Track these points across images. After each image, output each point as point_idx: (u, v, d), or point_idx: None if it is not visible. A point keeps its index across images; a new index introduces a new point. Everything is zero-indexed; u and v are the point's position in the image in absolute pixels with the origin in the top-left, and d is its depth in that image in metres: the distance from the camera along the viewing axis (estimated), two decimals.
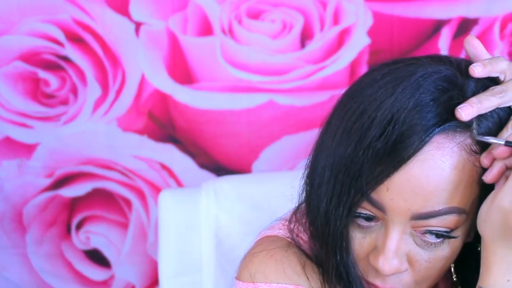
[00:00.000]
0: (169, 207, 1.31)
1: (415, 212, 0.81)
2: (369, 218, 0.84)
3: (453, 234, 0.83)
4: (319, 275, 0.90)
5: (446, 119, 0.81)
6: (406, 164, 0.79)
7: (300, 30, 1.72)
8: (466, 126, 0.81)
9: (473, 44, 0.86)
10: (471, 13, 1.67)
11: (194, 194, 1.32)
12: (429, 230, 0.82)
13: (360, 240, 0.85)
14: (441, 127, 0.80)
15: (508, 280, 0.81)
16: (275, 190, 1.04)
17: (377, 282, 0.86)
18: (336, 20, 1.70)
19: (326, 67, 1.72)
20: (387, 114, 0.80)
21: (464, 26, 1.68)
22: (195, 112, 1.77)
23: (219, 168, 1.80)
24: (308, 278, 0.91)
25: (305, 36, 1.72)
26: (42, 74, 1.77)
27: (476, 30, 1.68)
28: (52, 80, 1.78)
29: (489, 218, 0.80)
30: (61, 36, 1.75)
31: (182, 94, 1.76)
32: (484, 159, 0.82)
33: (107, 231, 1.87)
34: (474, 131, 0.82)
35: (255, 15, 1.72)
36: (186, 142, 1.80)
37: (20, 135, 1.80)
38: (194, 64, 1.75)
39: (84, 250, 1.89)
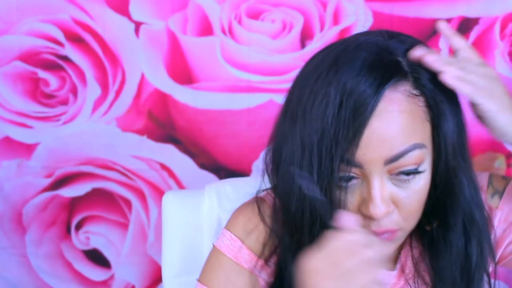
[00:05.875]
0: (173, 209, 1.32)
1: (386, 157, 0.92)
2: (349, 179, 0.94)
3: (420, 169, 0.94)
4: (264, 239, 1.06)
5: (385, 77, 0.92)
6: (368, 123, 0.90)
7: (300, 30, 1.72)
8: (403, 76, 0.93)
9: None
10: (471, 13, 1.67)
11: (197, 196, 1.33)
12: (401, 171, 0.93)
13: (350, 200, 0.95)
14: (386, 85, 0.91)
15: None
16: None
17: (373, 228, 0.96)
18: (336, 20, 1.70)
19: None
20: (337, 90, 0.91)
21: (464, 26, 1.68)
22: (195, 112, 1.77)
23: (219, 168, 1.80)
24: (253, 238, 1.07)
25: (305, 36, 1.72)
26: (42, 74, 1.77)
27: (476, 30, 1.68)
28: (52, 80, 1.78)
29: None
30: (61, 36, 1.75)
31: (182, 94, 1.76)
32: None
33: (107, 231, 1.87)
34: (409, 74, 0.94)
35: (255, 15, 1.72)
36: (186, 142, 1.80)
37: (20, 135, 1.80)
38: (194, 64, 1.75)
39: (84, 250, 1.89)
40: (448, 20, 1.68)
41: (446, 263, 1.02)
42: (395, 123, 0.91)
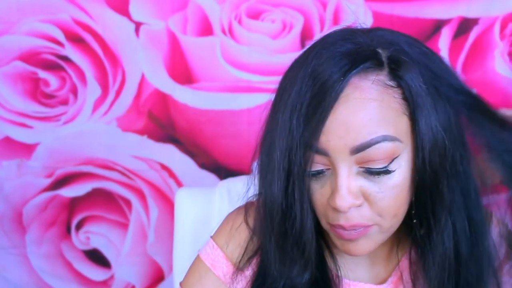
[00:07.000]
0: (185, 204, 1.34)
1: (351, 146, 0.88)
2: (319, 172, 0.92)
3: (391, 167, 0.90)
4: (246, 246, 1.06)
5: (355, 63, 0.89)
6: (333, 108, 0.88)
7: (300, 30, 1.72)
8: (377, 65, 0.90)
9: None
10: (471, 13, 1.68)
11: (210, 192, 1.36)
12: (369, 169, 0.90)
13: (319, 190, 0.93)
14: (355, 70, 0.88)
15: None
16: None
17: (341, 221, 0.92)
18: (336, 20, 1.71)
19: None
20: (305, 76, 0.90)
21: (464, 26, 1.69)
22: (195, 112, 1.77)
23: (219, 168, 1.81)
24: (233, 246, 1.08)
25: (305, 36, 1.73)
26: (42, 74, 1.77)
27: (476, 30, 1.69)
28: (52, 80, 1.78)
29: None
30: (61, 36, 1.75)
31: (182, 94, 1.77)
32: None
33: (107, 231, 1.87)
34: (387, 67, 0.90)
35: (255, 15, 1.72)
36: (186, 142, 1.80)
37: (20, 135, 1.80)
38: (194, 64, 1.76)
39: (84, 250, 1.89)
40: (448, 20, 1.69)
41: (430, 264, 0.97)
42: (361, 111, 0.88)
